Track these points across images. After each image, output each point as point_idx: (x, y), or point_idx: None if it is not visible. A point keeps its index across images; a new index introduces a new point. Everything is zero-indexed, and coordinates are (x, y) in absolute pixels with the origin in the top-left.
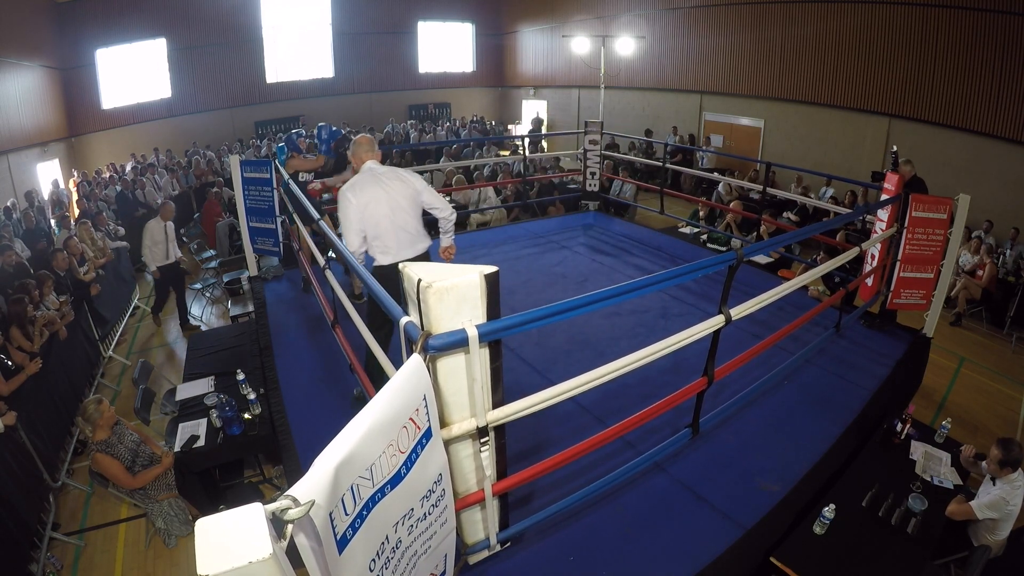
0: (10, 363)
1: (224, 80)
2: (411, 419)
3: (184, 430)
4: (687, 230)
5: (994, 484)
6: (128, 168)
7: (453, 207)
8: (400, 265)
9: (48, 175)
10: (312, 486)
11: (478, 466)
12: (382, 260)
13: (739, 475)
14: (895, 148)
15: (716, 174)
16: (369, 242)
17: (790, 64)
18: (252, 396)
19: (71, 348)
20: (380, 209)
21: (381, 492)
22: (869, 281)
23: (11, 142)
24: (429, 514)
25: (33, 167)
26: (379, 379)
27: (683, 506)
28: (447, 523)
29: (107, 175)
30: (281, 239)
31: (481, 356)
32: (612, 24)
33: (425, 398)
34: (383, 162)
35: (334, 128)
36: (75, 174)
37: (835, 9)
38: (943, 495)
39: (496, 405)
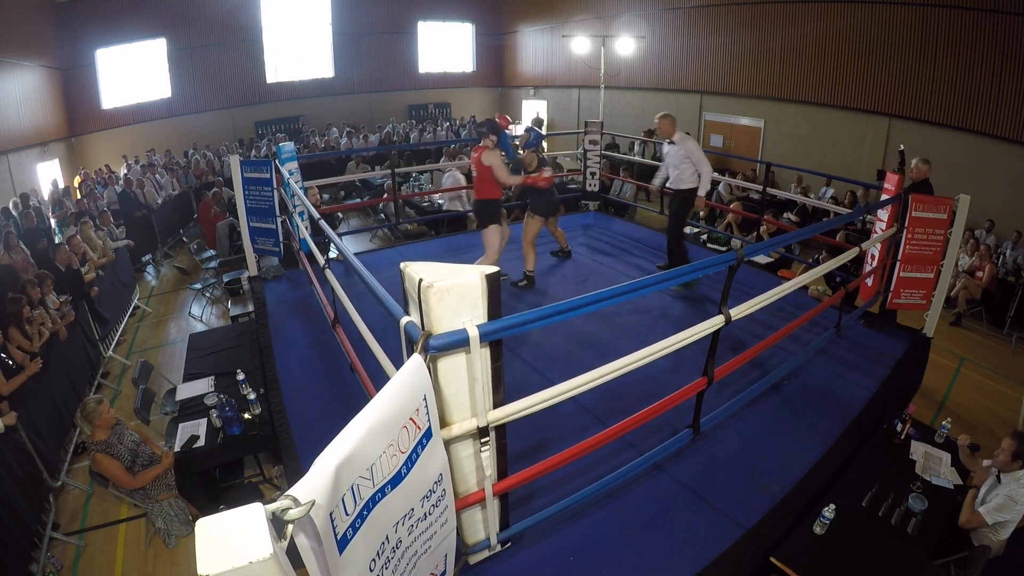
0: (11, 362)
1: (224, 80)
2: (411, 419)
3: (184, 430)
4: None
5: (999, 481)
6: (123, 171)
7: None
8: (401, 265)
9: (48, 175)
10: (312, 486)
11: (479, 466)
12: (671, 185)
13: (739, 475)
14: (902, 147)
15: (715, 174)
16: None
17: (790, 64)
18: (252, 396)
19: (71, 348)
20: (670, 158)
21: (381, 492)
22: (869, 281)
23: (11, 142)
24: (429, 514)
25: (33, 167)
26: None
27: (683, 506)
28: (447, 523)
29: (106, 175)
30: (281, 239)
31: (482, 356)
32: (612, 24)
33: (425, 398)
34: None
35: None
36: (80, 173)
37: (835, 9)
38: (943, 495)
39: (497, 405)
